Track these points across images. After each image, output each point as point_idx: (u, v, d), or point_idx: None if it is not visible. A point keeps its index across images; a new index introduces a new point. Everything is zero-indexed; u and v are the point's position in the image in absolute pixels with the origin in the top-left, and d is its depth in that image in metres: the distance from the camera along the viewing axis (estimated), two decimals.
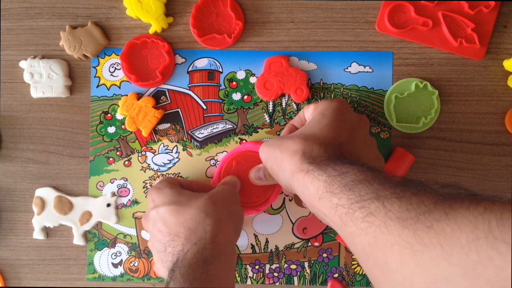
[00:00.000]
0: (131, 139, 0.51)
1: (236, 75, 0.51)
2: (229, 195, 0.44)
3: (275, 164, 0.40)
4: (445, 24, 0.49)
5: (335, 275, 0.51)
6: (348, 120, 0.41)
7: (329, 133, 0.39)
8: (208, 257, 0.39)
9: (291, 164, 0.38)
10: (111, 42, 0.51)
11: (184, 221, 0.41)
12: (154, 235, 0.43)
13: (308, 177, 0.36)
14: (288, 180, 0.39)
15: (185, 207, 0.41)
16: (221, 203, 0.43)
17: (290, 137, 0.40)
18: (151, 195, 0.44)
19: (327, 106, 0.41)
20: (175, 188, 0.44)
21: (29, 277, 0.52)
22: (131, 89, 0.51)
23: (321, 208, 0.35)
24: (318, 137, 0.39)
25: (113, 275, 0.51)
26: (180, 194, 0.43)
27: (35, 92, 0.50)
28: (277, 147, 0.40)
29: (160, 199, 0.43)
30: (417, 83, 0.49)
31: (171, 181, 0.45)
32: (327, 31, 0.50)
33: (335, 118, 0.40)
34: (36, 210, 0.51)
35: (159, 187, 0.44)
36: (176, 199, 0.42)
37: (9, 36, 0.51)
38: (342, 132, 0.40)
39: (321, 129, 0.39)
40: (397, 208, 0.29)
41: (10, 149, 0.52)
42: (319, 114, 0.41)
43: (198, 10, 0.50)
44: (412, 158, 0.49)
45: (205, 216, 0.40)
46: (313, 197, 0.36)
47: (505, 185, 0.50)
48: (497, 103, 0.50)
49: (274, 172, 0.41)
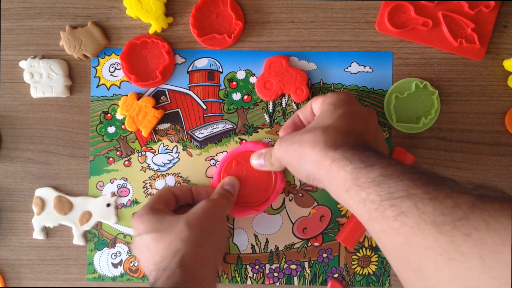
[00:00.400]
0: (131, 139, 0.51)
1: (236, 75, 0.51)
2: (206, 212, 0.44)
3: (295, 157, 0.40)
4: (445, 24, 0.49)
5: (335, 275, 0.51)
6: (360, 111, 0.41)
7: (346, 123, 0.38)
8: (179, 282, 0.38)
9: (314, 154, 0.37)
10: (111, 42, 0.51)
11: (163, 249, 0.41)
12: (142, 262, 0.43)
13: (334, 166, 0.35)
14: (311, 170, 0.38)
15: (165, 234, 0.42)
16: (198, 225, 0.42)
17: (308, 131, 0.39)
18: (134, 222, 0.44)
19: (336, 97, 0.41)
20: (157, 214, 0.44)
21: (29, 277, 0.52)
22: (131, 89, 0.51)
23: (348, 200, 0.34)
24: (337, 127, 0.38)
25: (113, 275, 0.51)
26: (161, 221, 0.43)
27: (35, 92, 0.50)
28: (296, 141, 0.39)
29: (142, 227, 0.43)
30: (417, 83, 0.49)
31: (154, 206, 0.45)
32: (327, 31, 0.50)
33: (348, 109, 0.40)
34: (36, 210, 0.51)
35: (141, 214, 0.44)
36: (157, 227, 0.42)
37: (9, 36, 0.51)
38: (358, 122, 0.39)
39: (336, 119, 0.39)
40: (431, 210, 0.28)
41: (10, 149, 0.52)
42: (329, 105, 0.40)
43: (198, 10, 0.50)
44: (412, 158, 0.49)
45: (180, 243, 0.41)
46: (340, 188, 0.35)
47: (505, 185, 0.50)
48: (497, 103, 0.50)
49: (293, 166, 0.40)
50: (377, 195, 0.31)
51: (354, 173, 0.33)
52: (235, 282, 0.51)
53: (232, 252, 0.51)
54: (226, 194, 0.47)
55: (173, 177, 0.51)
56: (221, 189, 0.47)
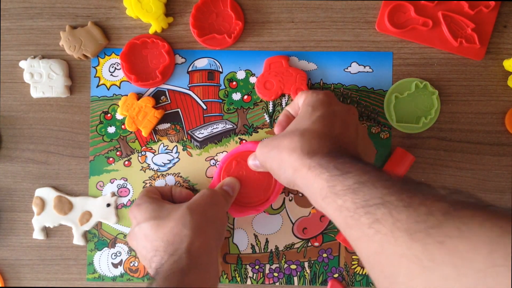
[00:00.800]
0: (131, 139, 0.51)
1: (236, 75, 0.51)
2: (207, 199, 0.44)
3: (275, 163, 0.40)
4: (445, 24, 0.49)
5: (335, 275, 0.51)
6: (338, 111, 0.41)
7: (323, 125, 0.39)
8: (184, 267, 0.39)
9: (292, 161, 0.38)
10: (111, 42, 0.51)
11: (164, 234, 0.41)
12: (140, 251, 0.43)
13: (311, 174, 0.36)
14: (290, 177, 0.39)
15: (164, 221, 0.42)
16: (199, 210, 0.43)
17: (286, 136, 0.39)
18: (132, 212, 0.44)
19: (315, 98, 0.41)
20: (155, 202, 0.44)
21: (29, 277, 0.52)
22: (131, 89, 0.51)
23: (325, 207, 0.35)
24: (313, 131, 0.38)
25: (113, 275, 0.51)
26: (160, 208, 0.43)
27: (35, 92, 0.50)
28: (274, 147, 0.40)
29: (141, 215, 0.43)
30: (417, 83, 0.49)
31: (151, 195, 0.45)
32: (327, 31, 0.50)
33: (326, 111, 0.40)
34: (36, 210, 0.51)
35: (139, 204, 0.44)
36: (156, 214, 0.42)
37: (9, 36, 0.51)
38: (335, 124, 0.39)
39: (314, 122, 0.39)
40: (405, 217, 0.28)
41: (10, 149, 0.52)
42: (308, 106, 0.41)
43: (198, 10, 0.50)
44: (412, 158, 0.49)
45: (182, 227, 0.41)
46: (317, 195, 0.35)
47: (505, 185, 0.50)
48: (497, 103, 0.50)
49: (274, 172, 0.41)
50: (352, 203, 0.32)
51: (330, 180, 0.34)
52: (235, 282, 0.51)
53: (232, 252, 0.51)
54: (225, 195, 0.47)
55: (173, 177, 0.51)
56: (220, 189, 0.47)
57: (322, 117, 0.39)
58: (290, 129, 0.40)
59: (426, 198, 0.29)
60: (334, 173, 0.34)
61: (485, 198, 0.49)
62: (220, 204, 0.45)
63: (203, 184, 0.51)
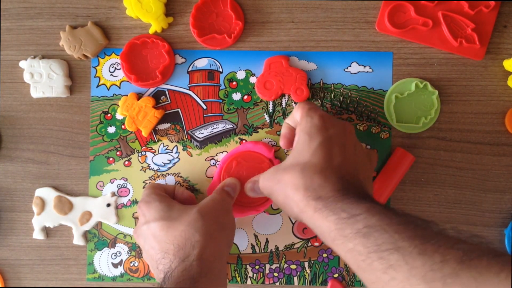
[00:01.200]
0: (131, 139, 0.51)
1: (236, 75, 0.51)
2: (219, 205, 0.44)
3: (280, 198, 0.40)
4: (445, 24, 0.49)
5: (335, 275, 0.51)
6: (335, 135, 0.40)
7: (322, 158, 0.38)
8: (195, 275, 0.38)
9: (297, 200, 0.38)
10: (111, 42, 0.51)
11: (174, 237, 0.40)
12: (147, 251, 0.43)
13: (317, 216, 0.36)
14: (297, 215, 0.39)
15: (175, 223, 0.41)
16: (211, 216, 0.42)
17: (287, 170, 0.39)
18: (141, 209, 0.44)
19: (310, 125, 0.40)
20: (165, 201, 0.43)
21: (29, 277, 0.52)
22: (131, 89, 0.51)
23: (335, 248, 0.35)
24: (314, 165, 0.38)
25: (113, 275, 0.51)
26: (171, 208, 0.42)
27: (35, 92, 0.50)
28: (277, 182, 0.40)
29: (150, 214, 0.42)
30: (417, 83, 0.49)
31: (159, 193, 0.45)
32: (327, 31, 0.50)
33: (323, 139, 0.39)
34: (36, 210, 0.51)
35: (148, 201, 0.43)
36: (167, 214, 0.42)
37: (9, 36, 0.51)
38: (334, 152, 0.39)
39: (313, 154, 0.39)
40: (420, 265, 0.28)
41: (10, 149, 0.52)
42: (305, 134, 0.40)
43: (198, 10, 0.50)
44: (412, 158, 0.49)
45: (194, 232, 0.40)
46: (326, 236, 0.36)
47: (505, 185, 0.50)
48: (497, 103, 0.50)
49: (280, 205, 0.41)
50: (363, 247, 0.32)
51: (338, 223, 0.34)
52: (235, 282, 0.51)
53: (232, 252, 0.51)
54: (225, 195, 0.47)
55: (173, 177, 0.51)
56: (221, 190, 0.47)
57: (320, 147, 0.39)
58: (290, 161, 0.40)
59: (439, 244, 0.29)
60: (342, 216, 0.34)
61: (485, 198, 0.50)
62: (230, 210, 0.45)
63: (203, 184, 0.51)
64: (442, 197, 0.50)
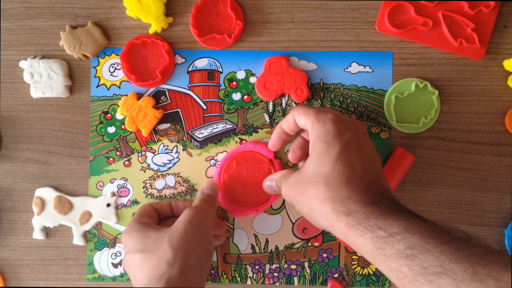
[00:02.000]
0: (131, 139, 0.51)
1: (236, 75, 0.51)
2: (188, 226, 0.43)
3: (304, 209, 0.40)
4: (445, 24, 0.49)
5: (335, 275, 0.51)
6: (351, 140, 0.39)
7: (344, 167, 0.38)
8: None
9: (325, 214, 0.37)
10: (111, 42, 0.51)
11: (149, 271, 0.41)
12: (133, 279, 0.43)
13: (352, 233, 0.35)
14: (325, 226, 0.39)
15: (150, 256, 0.42)
16: (181, 243, 0.42)
17: (311, 182, 0.38)
18: (123, 239, 0.45)
19: (324, 131, 0.39)
20: (143, 231, 0.44)
21: (29, 277, 0.52)
22: (131, 89, 0.51)
23: (375, 264, 0.35)
24: (337, 176, 0.37)
25: (113, 275, 0.51)
26: (146, 239, 0.43)
27: (35, 92, 0.50)
28: (302, 193, 0.39)
29: (130, 245, 0.43)
30: (417, 83, 0.49)
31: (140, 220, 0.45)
32: (327, 31, 0.50)
33: (342, 146, 0.38)
34: (36, 210, 0.51)
35: (129, 231, 0.44)
36: (142, 246, 0.42)
37: (9, 36, 0.51)
38: (355, 160, 0.38)
39: (334, 164, 0.38)
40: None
41: (10, 149, 0.52)
42: (321, 142, 0.39)
43: (198, 10, 0.50)
44: (412, 158, 0.49)
45: (164, 266, 0.40)
46: (363, 252, 0.35)
47: (505, 185, 0.50)
48: (497, 103, 0.50)
49: (306, 216, 0.41)
50: (408, 269, 0.31)
51: (376, 242, 0.33)
52: (235, 282, 0.51)
53: (232, 252, 0.51)
54: (207, 199, 0.46)
55: (173, 177, 0.51)
56: (201, 195, 0.47)
57: (340, 156, 0.38)
58: (311, 172, 0.39)
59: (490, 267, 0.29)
60: (379, 234, 0.33)
61: (485, 198, 0.50)
62: (202, 222, 0.44)
63: (203, 184, 0.51)
64: (442, 197, 0.50)
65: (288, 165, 0.51)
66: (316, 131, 0.40)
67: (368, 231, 0.34)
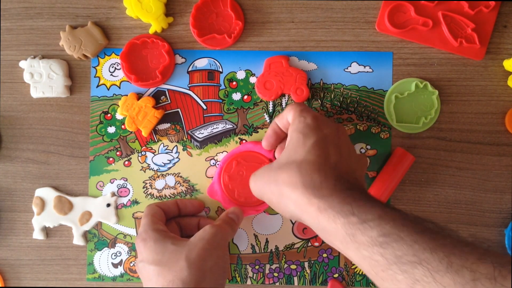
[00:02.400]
0: (131, 139, 0.51)
1: (236, 75, 0.51)
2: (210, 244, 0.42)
3: (274, 198, 0.40)
4: (445, 24, 0.49)
5: (335, 275, 0.51)
6: (329, 135, 0.39)
7: (318, 155, 0.38)
8: None
9: (295, 198, 0.36)
10: (111, 42, 0.51)
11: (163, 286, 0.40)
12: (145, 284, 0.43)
13: (323, 217, 0.34)
14: (294, 214, 0.38)
15: (165, 270, 0.41)
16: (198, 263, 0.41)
17: (282, 169, 0.38)
18: (138, 246, 0.44)
19: (304, 124, 0.39)
20: (160, 241, 0.43)
21: (29, 277, 0.52)
22: (131, 89, 0.51)
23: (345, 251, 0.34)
24: (311, 162, 0.37)
25: (113, 275, 0.51)
26: (163, 251, 0.42)
27: (35, 92, 0.50)
28: (271, 181, 0.39)
29: (145, 254, 0.43)
30: (417, 83, 0.49)
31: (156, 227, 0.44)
32: (327, 31, 0.50)
33: (318, 137, 0.39)
34: (36, 210, 0.51)
35: (144, 239, 0.43)
36: (159, 259, 0.42)
37: (9, 36, 0.51)
38: (330, 151, 0.38)
39: (308, 152, 0.38)
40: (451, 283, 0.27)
41: (10, 149, 0.52)
42: (298, 133, 0.39)
43: (198, 10, 0.50)
44: (412, 158, 0.49)
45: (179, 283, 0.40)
46: (332, 237, 0.35)
47: (505, 185, 0.50)
48: (497, 103, 0.50)
49: (274, 205, 0.40)
50: (382, 257, 0.31)
51: (348, 228, 0.33)
52: (235, 282, 0.51)
53: (232, 252, 0.51)
54: (230, 222, 0.46)
55: (173, 177, 0.51)
56: (226, 217, 0.47)
57: (315, 145, 0.38)
58: (285, 160, 0.39)
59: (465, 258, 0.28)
60: (352, 220, 0.33)
61: (485, 198, 0.50)
62: (221, 243, 0.44)
63: (203, 184, 0.51)
64: (442, 197, 0.50)
65: None
66: (295, 124, 0.40)
67: (340, 216, 0.33)
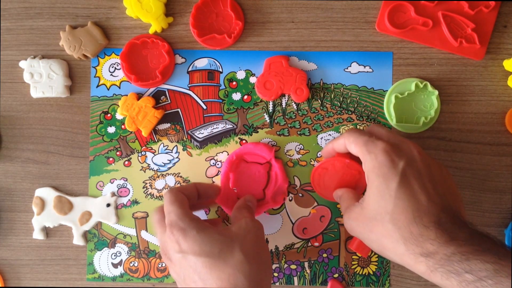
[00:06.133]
0: (131, 139, 0.51)
1: (236, 75, 0.51)
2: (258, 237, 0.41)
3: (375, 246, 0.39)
4: (445, 24, 0.49)
5: (335, 275, 0.51)
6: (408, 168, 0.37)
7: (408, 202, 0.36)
8: None
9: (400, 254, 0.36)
10: (111, 42, 0.51)
11: (221, 280, 0.37)
12: (186, 282, 0.39)
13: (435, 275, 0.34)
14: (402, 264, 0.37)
15: (219, 262, 0.38)
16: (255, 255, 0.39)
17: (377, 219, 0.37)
18: (173, 235, 0.38)
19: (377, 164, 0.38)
20: (203, 231, 0.38)
21: (29, 277, 0.52)
22: (131, 89, 0.51)
23: None
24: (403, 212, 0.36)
25: (113, 275, 0.51)
26: (211, 242, 0.38)
27: (35, 92, 0.50)
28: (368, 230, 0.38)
29: (188, 245, 0.38)
30: (417, 83, 0.49)
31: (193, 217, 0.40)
32: (327, 31, 0.50)
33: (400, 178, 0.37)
34: (36, 210, 0.51)
35: (183, 228, 0.38)
36: (208, 250, 0.38)
37: (9, 36, 0.51)
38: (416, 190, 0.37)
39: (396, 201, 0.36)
40: None
41: (10, 149, 0.52)
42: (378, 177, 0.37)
43: (198, 10, 0.50)
44: None
45: (243, 279, 0.37)
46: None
47: (505, 185, 0.50)
48: (497, 103, 0.50)
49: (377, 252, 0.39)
50: None
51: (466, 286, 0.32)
52: None
53: None
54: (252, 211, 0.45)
55: (173, 177, 0.51)
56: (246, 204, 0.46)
57: (400, 189, 0.36)
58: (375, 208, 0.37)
59: None
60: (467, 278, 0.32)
61: (485, 198, 0.50)
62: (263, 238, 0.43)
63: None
64: None
65: (288, 165, 0.51)
66: (368, 163, 0.38)
67: (453, 274, 0.33)
